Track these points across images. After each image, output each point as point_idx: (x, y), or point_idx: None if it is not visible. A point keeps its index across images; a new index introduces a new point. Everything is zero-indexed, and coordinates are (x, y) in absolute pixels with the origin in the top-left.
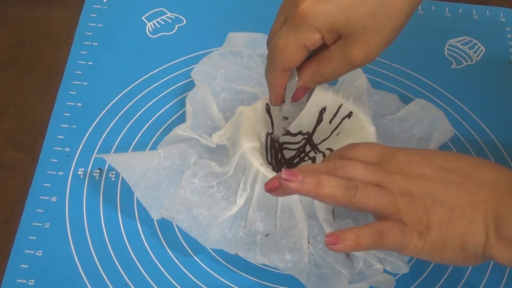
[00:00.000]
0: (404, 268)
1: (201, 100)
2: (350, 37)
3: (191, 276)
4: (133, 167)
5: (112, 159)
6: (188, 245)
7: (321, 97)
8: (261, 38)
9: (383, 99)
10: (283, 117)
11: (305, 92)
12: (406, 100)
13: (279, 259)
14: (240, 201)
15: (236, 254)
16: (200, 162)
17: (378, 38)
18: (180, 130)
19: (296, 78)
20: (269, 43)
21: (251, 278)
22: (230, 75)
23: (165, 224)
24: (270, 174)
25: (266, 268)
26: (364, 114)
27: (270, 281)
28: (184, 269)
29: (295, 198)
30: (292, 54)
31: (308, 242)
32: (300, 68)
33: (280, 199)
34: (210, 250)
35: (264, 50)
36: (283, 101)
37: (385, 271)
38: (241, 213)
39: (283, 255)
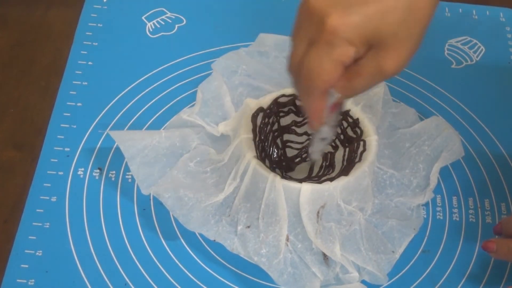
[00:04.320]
0: (382, 280)
1: (215, 89)
2: (380, 47)
3: (192, 276)
4: (133, 141)
5: (114, 134)
6: (188, 246)
7: None
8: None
9: (401, 112)
10: (321, 138)
11: (337, 108)
12: (405, 100)
13: (254, 252)
14: (228, 190)
15: (214, 240)
16: (200, 147)
17: (409, 45)
18: (185, 115)
19: (335, 95)
20: (294, 69)
21: (253, 279)
22: (251, 71)
23: (166, 224)
24: (261, 167)
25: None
26: (370, 122)
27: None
28: (185, 269)
29: (280, 195)
30: (330, 74)
31: (287, 240)
32: None
33: (266, 193)
34: (211, 251)
35: None
36: (323, 123)
37: (363, 281)
38: (227, 201)
39: (259, 249)
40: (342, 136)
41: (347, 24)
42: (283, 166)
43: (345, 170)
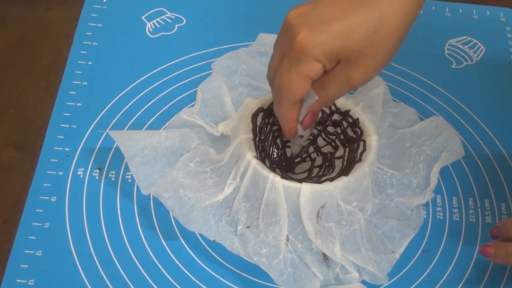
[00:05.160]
0: (382, 280)
1: (215, 89)
2: (348, 62)
3: (191, 277)
4: (132, 141)
5: (114, 134)
6: (188, 246)
7: None
8: None
9: (401, 112)
10: (299, 136)
11: (313, 117)
12: (405, 100)
13: (254, 252)
14: (228, 190)
15: (214, 240)
16: (200, 147)
17: (376, 60)
18: (185, 115)
19: (316, 97)
20: (269, 77)
21: (253, 279)
22: (251, 71)
23: (166, 224)
24: (261, 167)
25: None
26: (370, 122)
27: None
28: (185, 270)
29: (280, 195)
30: (298, 87)
31: (287, 240)
32: None
33: (266, 193)
34: (211, 251)
35: None
36: (296, 133)
37: (363, 281)
38: (227, 202)
39: (259, 249)
40: (342, 136)
41: (315, 43)
42: (283, 166)
43: (345, 170)
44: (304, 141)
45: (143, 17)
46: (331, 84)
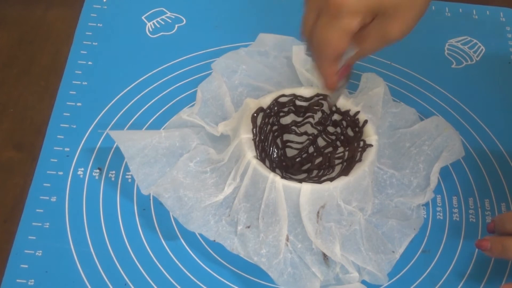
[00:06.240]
0: (382, 280)
1: (215, 89)
2: (386, 15)
3: (191, 277)
4: (132, 141)
5: (114, 134)
6: (188, 246)
7: None
8: (290, 41)
9: (401, 112)
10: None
11: (349, 69)
12: (405, 100)
13: (254, 252)
14: (228, 190)
15: (214, 240)
16: (200, 147)
17: (412, 13)
18: (185, 115)
19: (354, 51)
20: (305, 33)
21: (253, 279)
22: (251, 71)
23: (166, 224)
24: (261, 166)
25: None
26: (370, 122)
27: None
28: (185, 270)
29: (280, 195)
30: (339, 43)
31: (287, 240)
32: None
33: (266, 193)
34: (211, 251)
35: (291, 53)
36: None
37: (363, 282)
38: (227, 202)
39: (259, 249)
40: (342, 136)
41: None
42: (283, 166)
43: (345, 170)
44: (341, 91)
45: (143, 17)
46: (369, 38)
